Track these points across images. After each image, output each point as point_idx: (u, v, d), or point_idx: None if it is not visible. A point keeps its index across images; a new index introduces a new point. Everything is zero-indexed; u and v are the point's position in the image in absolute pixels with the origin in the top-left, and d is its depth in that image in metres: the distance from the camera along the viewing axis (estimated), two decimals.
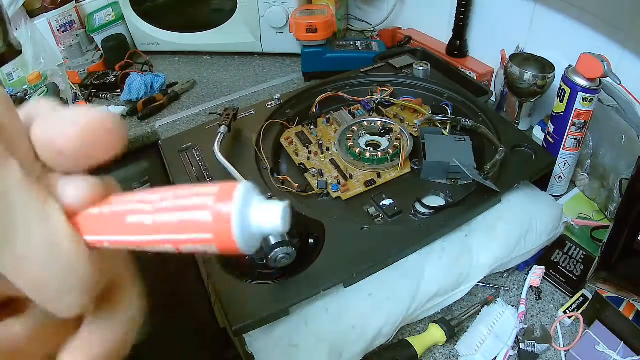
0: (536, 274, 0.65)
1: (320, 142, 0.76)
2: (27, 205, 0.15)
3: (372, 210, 0.65)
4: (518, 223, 0.64)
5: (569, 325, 0.61)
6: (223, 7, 1.15)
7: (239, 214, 0.14)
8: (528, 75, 0.79)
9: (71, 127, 0.16)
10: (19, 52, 0.42)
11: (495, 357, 0.57)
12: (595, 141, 0.76)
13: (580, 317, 0.61)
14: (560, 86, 0.69)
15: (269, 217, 0.15)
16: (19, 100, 1.06)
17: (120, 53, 1.18)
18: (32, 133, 0.17)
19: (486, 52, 1.01)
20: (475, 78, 0.98)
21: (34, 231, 0.15)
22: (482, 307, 0.62)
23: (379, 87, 0.85)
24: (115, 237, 0.16)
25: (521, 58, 0.83)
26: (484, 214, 0.65)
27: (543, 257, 0.68)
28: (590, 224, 0.73)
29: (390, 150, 0.70)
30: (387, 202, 0.65)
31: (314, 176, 0.70)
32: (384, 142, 0.74)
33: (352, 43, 1.09)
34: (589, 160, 0.77)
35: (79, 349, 0.17)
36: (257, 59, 1.21)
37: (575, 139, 0.71)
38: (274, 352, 0.53)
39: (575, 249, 0.68)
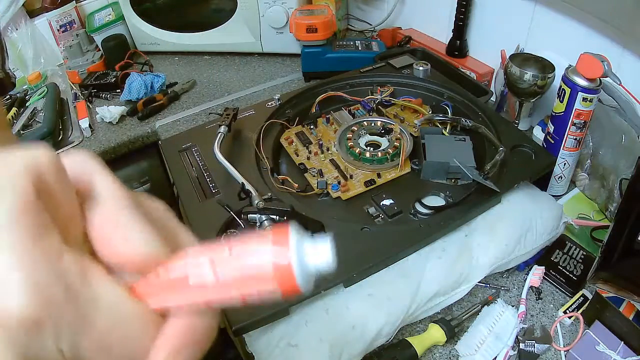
0: (536, 274, 0.65)
1: (320, 142, 0.76)
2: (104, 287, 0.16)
3: (372, 210, 0.65)
4: (518, 223, 0.64)
5: (569, 325, 0.61)
6: (223, 7, 1.15)
7: (298, 264, 0.15)
8: (528, 75, 0.79)
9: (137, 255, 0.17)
10: (14, 85, 0.42)
11: (495, 357, 0.57)
12: (595, 141, 0.76)
13: (580, 317, 0.60)
14: (560, 86, 0.69)
15: (321, 257, 0.16)
16: (19, 100, 1.06)
17: (120, 53, 1.18)
18: (90, 222, 0.17)
19: (486, 52, 1.01)
20: (475, 78, 0.98)
21: (112, 309, 0.16)
22: (482, 307, 0.62)
23: (379, 87, 0.85)
24: (181, 300, 0.17)
25: (521, 58, 0.83)
26: (484, 214, 0.65)
27: (543, 257, 0.68)
28: (590, 224, 0.73)
29: (390, 150, 0.70)
30: (387, 202, 0.65)
31: (314, 176, 0.70)
32: (384, 142, 0.74)
33: (352, 43, 1.09)
34: (589, 160, 0.77)
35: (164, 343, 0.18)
36: (257, 59, 1.21)
37: (575, 139, 0.71)
38: (274, 352, 0.53)
39: (575, 249, 0.68)
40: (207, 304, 0.17)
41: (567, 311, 0.62)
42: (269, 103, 0.84)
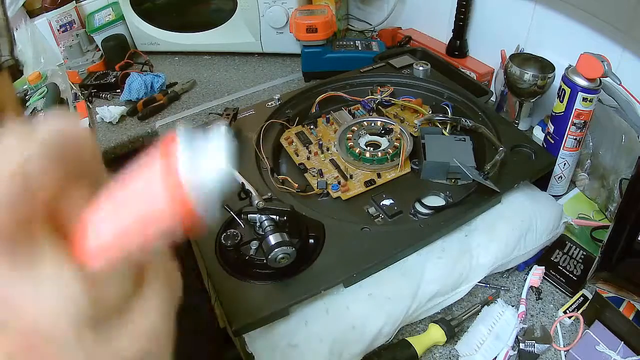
0: (536, 274, 0.65)
1: (320, 142, 0.76)
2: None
3: (372, 210, 0.65)
4: (518, 223, 0.64)
5: (569, 325, 0.61)
6: (223, 7, 1.15)
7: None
8: (528, 75, 0.79)
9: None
10: (21, 73, 0.42)
11: (495, 357, 0.57)
12: (595, 141, 0.76)
13: (580, 317, 0.60)
14: (560, 86, 0.69)
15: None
16: (19, 100, 1.06)
17: (120, 53, 1.18)
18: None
19: (486, 52, 1.01)
20: (475, 78, 0.98)
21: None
22: (482, 307, 0.62)
23: (379, 87, 0.86)
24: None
25: (521, 58, 0.83)
26: (484, 214, 0.65)
27: (543, 257, 0.68)
28: (590, 224, 0.73)
29: (390, 150, 0.70)
30: (387, 202, 0.65)
31: (314, 176, 0.70)
32: (384, 142, 0.74)
33: (352, 43, 1.09)
34: (589, 160, 0.77)
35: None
36: (257, 59, 1.21)
37: (575, 139, 0.71)
38: (273, 352, 0.53)
39: (575, 249, 0.68)
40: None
41: (567, 311, 0.62)
42: (269, 103, 0.84)
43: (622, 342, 0.55)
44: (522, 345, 0.58)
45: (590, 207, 0.77)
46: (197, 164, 0.15)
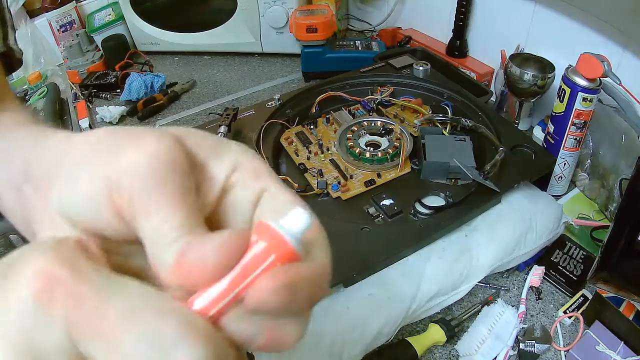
0: (536, 274, 0.65)
1: (320, 142, 0.76)
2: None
3: (372, 210, 0.65)
4: (518, 223, 0.64)
5: (569, 325, 0.61)
6: (223, 7, 1.15)
7: (288, 236, 0.17)
8: (528, 75, 0.79)
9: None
10: (21, 62, 0.41)
11: (495, 357, 0.57)
12: (595, 141, 0.76)
13: (580, 317, 0.61)
14: (560, 86, 0.69)
15: (300, 221, 0.18)
16: (19, 99, 1.06)
17: (120, 53, 1.18)
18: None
19: (486, 52, 1.01)
20: (475, 78, 0.98)
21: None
22: (482, 307, 0.62)
23: (379, 87, 0.85)
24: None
25: (521, 58, 0.83)
26: (484, 214, 0.65)
27: (543, 257, 0.68)
28: (590, 224, 0.73)
29: (390, 150, 0.70)
30: (387, 202, 0.65)
31: (314, 176, 0.70)
32: (384, 142, 0.74)
33: (352, 43, 1.09)
34: (589, 160, 0.77)
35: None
36: (257, 59, 1.21)
37: (575, 139, 0.71)
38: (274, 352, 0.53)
39: (575, 249, 0.68)
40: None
41: (567, 311, 0.62)
42: (269, 103, 0.84)
43: (622, 342, 0.55)
44: (522, 345, 0.58)
45: (590, 207, 0.77)
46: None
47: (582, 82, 0.66)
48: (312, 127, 0.80)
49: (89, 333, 0.14)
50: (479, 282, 0.62)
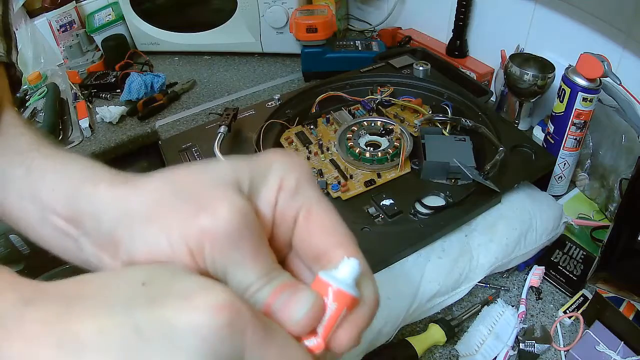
0: (536, 274, 0.65)
1: (320, 142, 0.76)
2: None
3: (372, 210, 0.65)
4: (518, 223, 0.64)
5: (569, 325, 0.61)
6: (223, 7, 1.15)
7: (345, 287, 0.22)
8: (528, 75, 0.79)
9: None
10: (20, 83, 0.41)
11: (495, 357, 0.57)
12: (595, 141, 0.76)
13: (580, 317, 0.61)
14: (560, 86, 0.69)
15: (351, 270, 0.24)
16: (19, 100, 1.06)
17: (120, 53, 1.18)
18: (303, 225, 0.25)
19: (486, 52, 1.01)
20: (475, 78, 0.98)
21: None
22: (482, 307, 0.62)
23: (379, 87, 0.86)
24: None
25: (521, 58, 0.83)
26: (484, 214, 0.65)
27: (543, 257, 0.68)
28: (590, 224, 0.73)
29: (390, 150, 0.70)
30: (387, 202, 0.65)
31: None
32: (384, 142, 0.74)
33: (352, 43, 1.09)
34: (589, 160, 0.77)
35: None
36: (257, 59, 1.21)
37: (575, 139, 0.71)
38: None
39: (575, 249, 0.68)
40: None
41: (567, 311, 0.62)
42: (269, 103, 0.84)
43: (622, 342, 0.55)
44: (522, 345, 0.58)
45: (590, 207, 0.77)
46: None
47: (582, 82, 0.66)
48: (312, 127, 0.80)
49: None
50: (479, 282, 0.62)
